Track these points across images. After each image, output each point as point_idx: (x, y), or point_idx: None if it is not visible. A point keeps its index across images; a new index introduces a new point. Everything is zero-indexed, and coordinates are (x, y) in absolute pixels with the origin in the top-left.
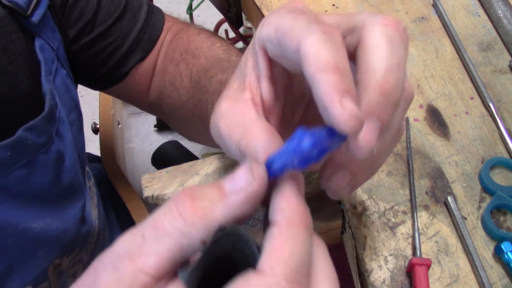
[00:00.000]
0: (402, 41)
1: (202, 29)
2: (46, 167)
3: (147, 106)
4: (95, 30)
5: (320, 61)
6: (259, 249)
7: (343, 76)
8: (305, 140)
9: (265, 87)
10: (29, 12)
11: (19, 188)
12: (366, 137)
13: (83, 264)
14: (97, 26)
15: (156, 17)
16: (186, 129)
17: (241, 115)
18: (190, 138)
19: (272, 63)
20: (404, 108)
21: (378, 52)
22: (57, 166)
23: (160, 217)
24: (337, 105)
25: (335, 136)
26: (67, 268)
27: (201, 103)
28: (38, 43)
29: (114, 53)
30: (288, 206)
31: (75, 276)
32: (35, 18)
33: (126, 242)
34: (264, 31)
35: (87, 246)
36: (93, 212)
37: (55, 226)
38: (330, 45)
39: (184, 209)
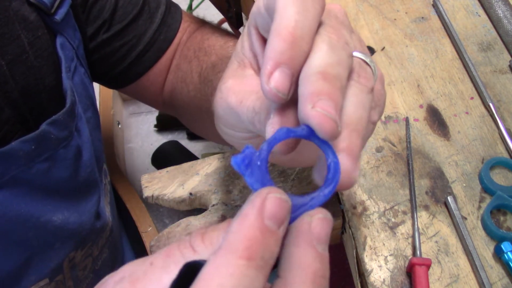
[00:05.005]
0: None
1: (218, 28)
2: (66, 161)
3: (161, 105)
4: (112, 29)
5: (280, 22)
6: None
7: (293, 45)
8: None
9: None
10: (52, 10)
11: (40, 181)
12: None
13: (93, 258)
14: (114, 25)
15: (173, 17)
16: (195, 124)
17: (251, 86)
18: (200, 134)
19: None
20: (357, 80)
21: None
22: (76, 161)
23: (172, 247)
24: (266, 73)
25: None
26: (80, 262)
27: (206, 97)
28: (59, 40)
29: (129, 52)
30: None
31: (85, 269)
32: (58, 17)
33: (134, 266)
34: (255, 6)
35: (99, 241)
36: (107, 209)
37: (72, 219)
38: (300, 6)
39: (195, 240)
